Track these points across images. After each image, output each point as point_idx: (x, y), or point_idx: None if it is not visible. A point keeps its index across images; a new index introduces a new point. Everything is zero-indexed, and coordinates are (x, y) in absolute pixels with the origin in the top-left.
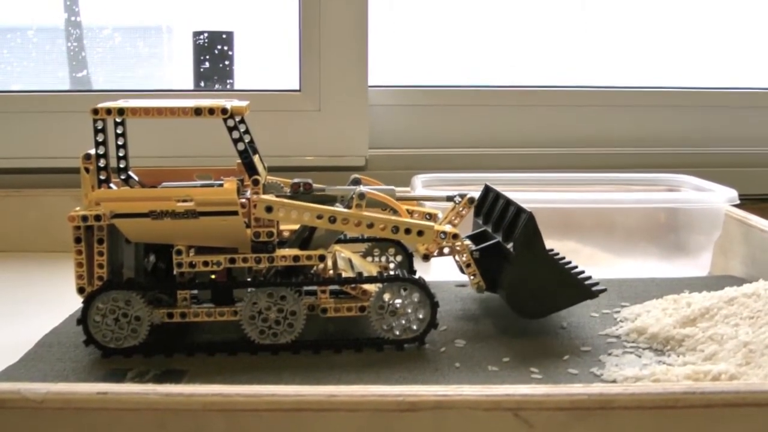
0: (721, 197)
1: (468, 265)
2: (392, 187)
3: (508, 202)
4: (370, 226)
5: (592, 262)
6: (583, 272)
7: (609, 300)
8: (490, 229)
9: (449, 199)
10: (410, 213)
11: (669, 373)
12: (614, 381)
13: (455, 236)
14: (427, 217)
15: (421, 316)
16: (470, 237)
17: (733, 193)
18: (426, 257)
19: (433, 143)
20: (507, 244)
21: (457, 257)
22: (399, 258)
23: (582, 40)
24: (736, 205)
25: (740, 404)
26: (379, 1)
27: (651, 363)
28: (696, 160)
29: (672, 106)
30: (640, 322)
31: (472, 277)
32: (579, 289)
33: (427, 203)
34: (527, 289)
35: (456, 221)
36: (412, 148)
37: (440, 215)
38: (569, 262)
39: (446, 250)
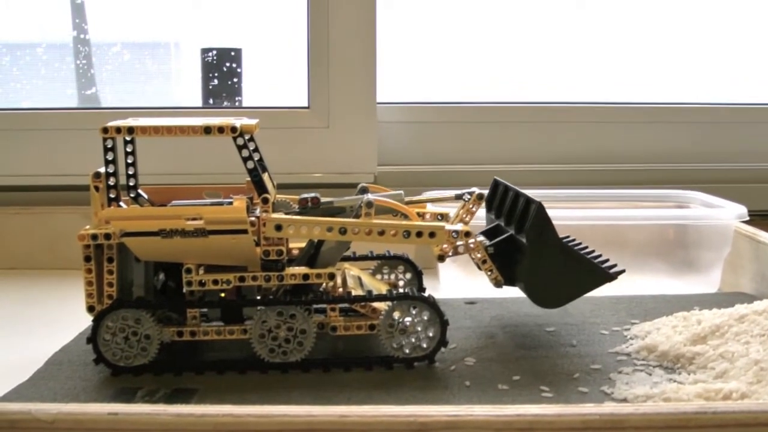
0: (730, 213)
1: (484, 261)
2: (400, 192)
3: (518, 194)
4: (381, 233)
5: None
6: (599, 256)
7: (618, 317)
8: (502, 223)
9: (458, 197)
10: (421, 216)
11: (680, 392)
12: (625, 399)
13: (467, 234)
14: (439, 217)
15: (430, 334)
16: (484, 233)
17: (742, 210)
18: (441, 258)
19: (442, 160)
20: (520, 236)
21: (472, 255)
22: (408, 275)
23: (591, 56)
24: (745, 222)
25: (753, 424)
26: (387, 18)
27: (661, 381)
28: (705, 176)
29: (681, 122)
30: (650, 340)
31: (489, 273)
32: (597, 273)
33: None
34: (544, 278)
35: (467, 219)
36: (421, 164)
37: (451, 215)
38: (585, 247)
39: (461, 249)
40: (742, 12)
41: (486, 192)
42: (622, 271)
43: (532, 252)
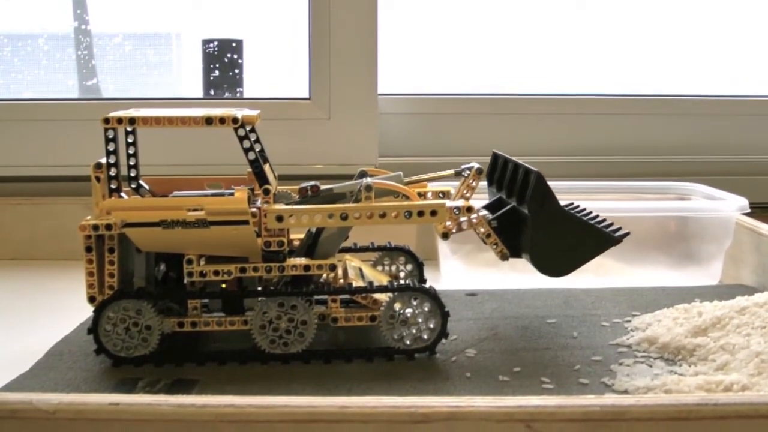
0: (731, 206)
1: (488, 235)
2: (399, 173)
3: (516, 165)
4: (383, 215)
5: (603, 271)
6: (604, 220)
7: (619, 309)
8: (504, 196)
9: (458, 173)
10: (422, 195)
11: (680, 384)
12: (625, 391)
13: (469, 209)
14: (440, 195)
15: (431, 326)
16: (487, 207)
17: (743, 202)
18: (445, 235)
19: (444, 151)
20: (522, 207)
21: (475, 230)
22: (409, 267)
23: (593, 48)
24: (746, 214)
25: (754, 416)
26: (389, 9)
27: (662, 373)
28: (706, 168)
29: (682, 114)
30: (651, 332)
31: (494, 246)
32: (602, 237)
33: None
34: (550, 247)
35: (468, 194)
36: (422, 156)
37: (453, 192)
38: (589, 213)
39: (464, 225)
40: (743, 5)
41: (484, 166)
42: (627, 234)
43: (534, 222)
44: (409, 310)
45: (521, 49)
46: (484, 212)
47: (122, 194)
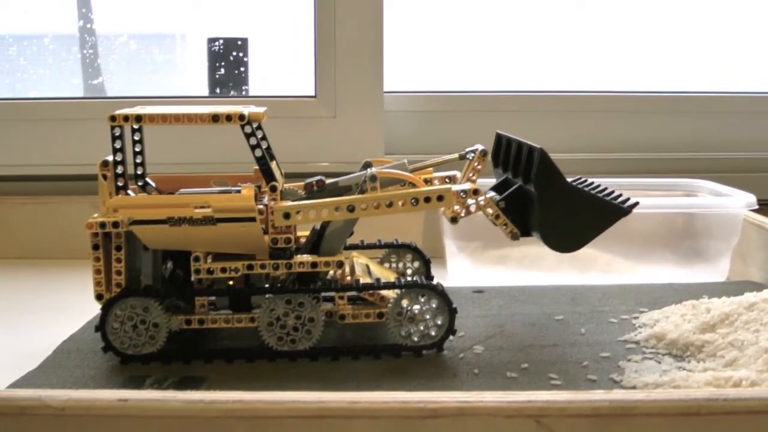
0: (739, 202)
1: (497, 217)
2: (404, 161)
3: (520, 144)
4: (390, 205)
5: (610, 268)
6: (612, 192)
7: (627, 306)
8: (510, 176)
9: (462, 157)
10: (428, 182)
11: (689, 380)
12: (634, 387)
13: (476, 192)
14: (447, 181)
15: (439, 323)
16: (494, 188)
17: (751, 198)
18: (454, 220)
19: (449, 149)
20: (528, 186)
21: (484, 212)
22: (416, 264)
23: (599, 45)
24: (754, 210)
25: (764, 411)
26: (395, 6)
27: (671, 369)
28: (714, 164)
29: (689, 111)
30: (659, 328)
31: (503, 227)
32: (610, 210)
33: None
34: (559, 224)
35: (474, 177)
36: (428, 154)
37: (459, 176)
38: (597, 186)
39: (472, 208)
40: (749, 1)
41: (486, 148)
42: (636, 203)
43: (541, 199)
44: (416, 307)
45: (527, 45)
46: (492, 194)
47: (129, 192)
